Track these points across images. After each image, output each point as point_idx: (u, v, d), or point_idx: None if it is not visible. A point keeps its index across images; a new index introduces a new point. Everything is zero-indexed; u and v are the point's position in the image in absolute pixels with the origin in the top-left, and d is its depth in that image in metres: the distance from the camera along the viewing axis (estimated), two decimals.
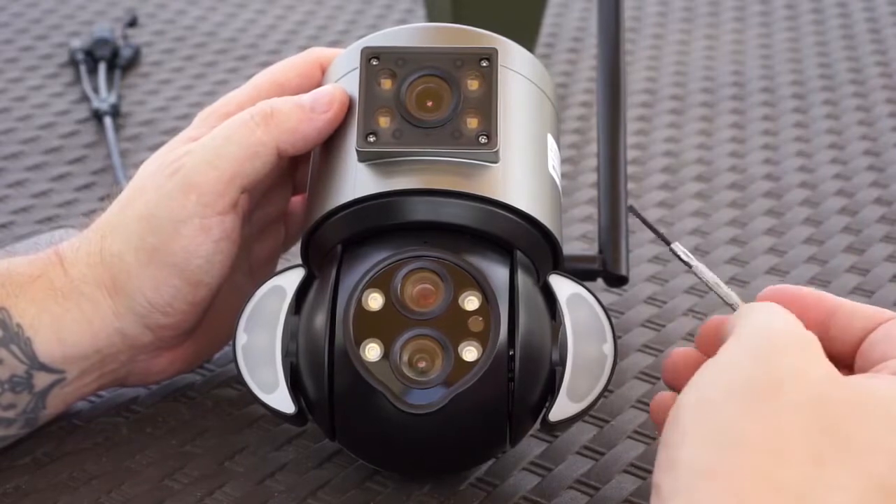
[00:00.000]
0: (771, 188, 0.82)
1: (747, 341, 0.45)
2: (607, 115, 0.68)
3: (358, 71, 0.55)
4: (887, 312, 0.50)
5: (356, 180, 0.54)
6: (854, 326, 0.49)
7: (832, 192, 0.82)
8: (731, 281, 0.71)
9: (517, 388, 0.51)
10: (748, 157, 0.87)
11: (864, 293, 0.70)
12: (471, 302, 0.51)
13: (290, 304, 0.53)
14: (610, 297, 0.69)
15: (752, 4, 1.16)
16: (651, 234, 0.76)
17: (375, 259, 0.52)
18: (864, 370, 0.48)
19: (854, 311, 0.50)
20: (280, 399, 0.53)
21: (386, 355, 0.51)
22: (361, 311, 0.51)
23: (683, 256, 0.53)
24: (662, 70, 1.02)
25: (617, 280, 0.65)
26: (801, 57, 1.04)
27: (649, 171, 0.85)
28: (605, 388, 0.52)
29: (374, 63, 0.55)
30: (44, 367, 0.55)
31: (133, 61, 1.02)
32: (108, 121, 0.89)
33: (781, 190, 0.82)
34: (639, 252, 0.74)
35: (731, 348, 0.45)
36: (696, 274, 0.53)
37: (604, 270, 0.65)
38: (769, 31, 1.10)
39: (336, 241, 0.54)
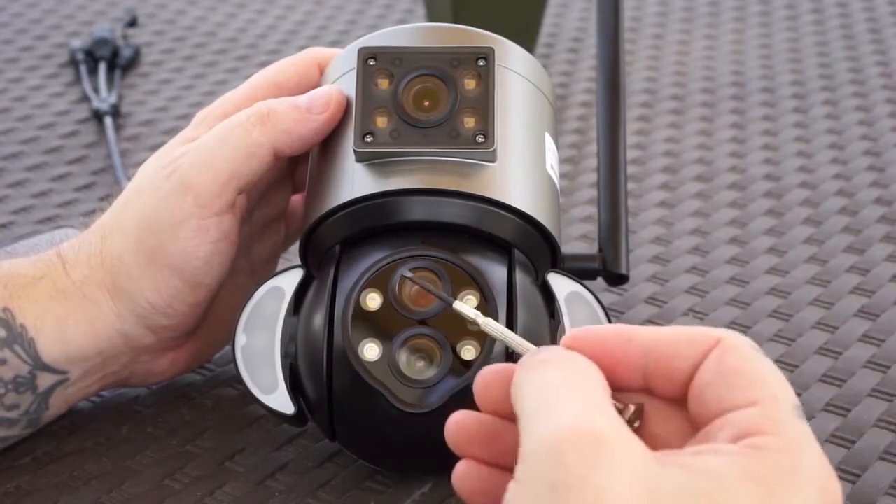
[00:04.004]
0: (771, 188, 0.82)
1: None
2: (607, 115, 0.68)
3: (355, 71, 0.55)
4: (710, 334, 0.41)
5: (354, 180, 0.54)
6: (676, 363, 0.41)
7: (832, 192, 0.81)
8: (732, 281, 0.71)
9: None
10: (748, 157, 0.86)
11: (864, 293, 0.70)
12: (469, 301, 0.51)
13: (289, 304, 0.54)
14: (610, 296, 0.69)
15: (752, 4, 1.16)
16: (651, 234, 0.76)
17: (373, 259, 0.52)
18: (701, 419, 0.41)
19: (671, 345, 0.42)
20: (279, 400, 0.53)
21: (385, 355, 0.51)
22: (360, 310, 0.51)
23: (469, 314, 0.47)
24: (662, 70, 1.02)
25: (617, 279, 0.65)
26: (800, 57, 1.04)
27: (649, 171, 0.85)
28: None
29: (371, 63, 0.55)
30: (47, 368, 0.55)
31: (133, 61, 1.02)
32: (108, 121, 0.89)
33: (781, 190, 0.82)
34: (639, 252, 0.74)
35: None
36: (485, 329, 0.46)
37: (604, 269, 0.65)
38: (769, 31, 1.10)
39: (334, 242, 0.54)
